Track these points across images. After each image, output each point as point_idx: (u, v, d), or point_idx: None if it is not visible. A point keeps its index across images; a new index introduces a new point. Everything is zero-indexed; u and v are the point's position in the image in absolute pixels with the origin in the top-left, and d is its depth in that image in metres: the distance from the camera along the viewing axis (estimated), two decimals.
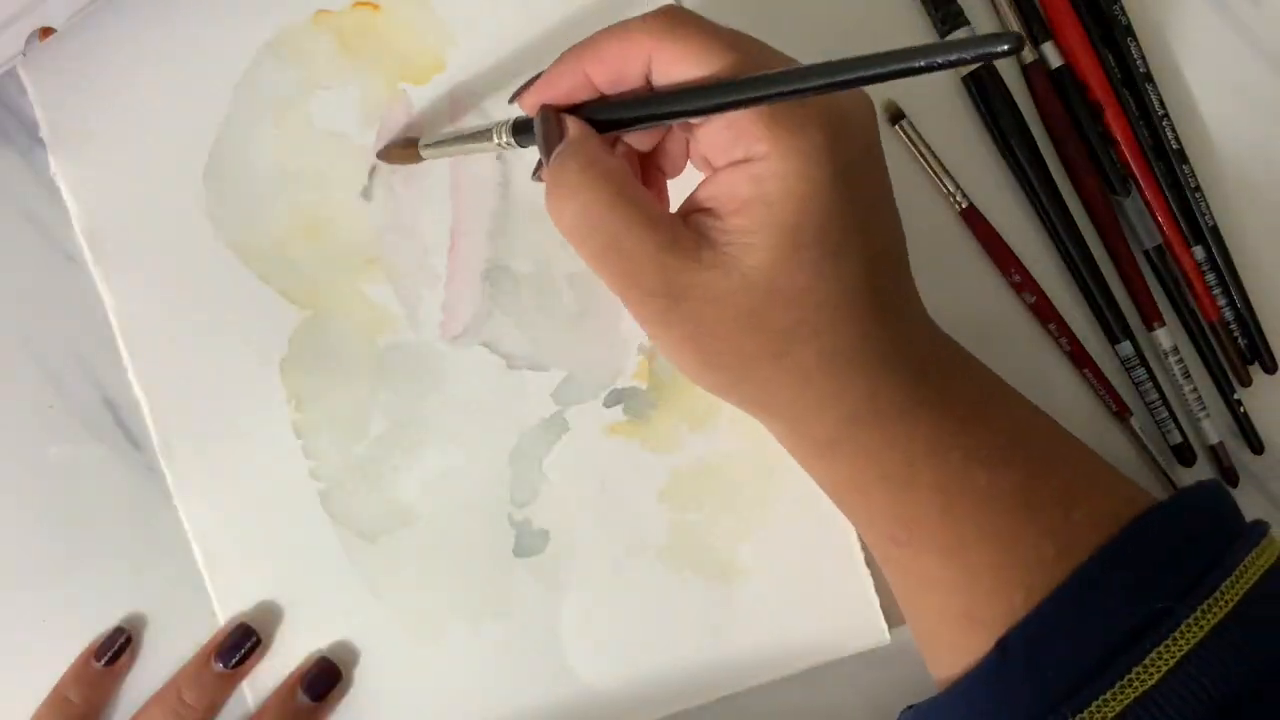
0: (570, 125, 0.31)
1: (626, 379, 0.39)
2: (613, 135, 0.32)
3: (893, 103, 0.39)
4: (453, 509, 0.39)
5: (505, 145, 0.33)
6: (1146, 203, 0.39)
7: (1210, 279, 0.40)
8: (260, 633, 0.39)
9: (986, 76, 0.39)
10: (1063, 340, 0.39)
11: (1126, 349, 0.39)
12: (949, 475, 0.30)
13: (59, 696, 0.39)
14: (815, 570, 0.38)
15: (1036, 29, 0.39)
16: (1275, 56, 0.40)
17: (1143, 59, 0.39)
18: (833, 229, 0.29)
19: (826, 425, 0.31)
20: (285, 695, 0.39)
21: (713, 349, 0.30)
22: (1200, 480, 0.33)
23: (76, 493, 0.40)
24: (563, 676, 0.39)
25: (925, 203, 0.40)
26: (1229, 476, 0.40)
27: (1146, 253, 0.40)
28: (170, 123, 0.39)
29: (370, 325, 0.39)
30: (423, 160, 0.38)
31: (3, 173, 0.40)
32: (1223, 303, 0.40)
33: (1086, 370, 0.39)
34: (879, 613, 0.38)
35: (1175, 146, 0.39)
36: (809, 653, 0.38)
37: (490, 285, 0.39)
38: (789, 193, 0.28)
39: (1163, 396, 0.40)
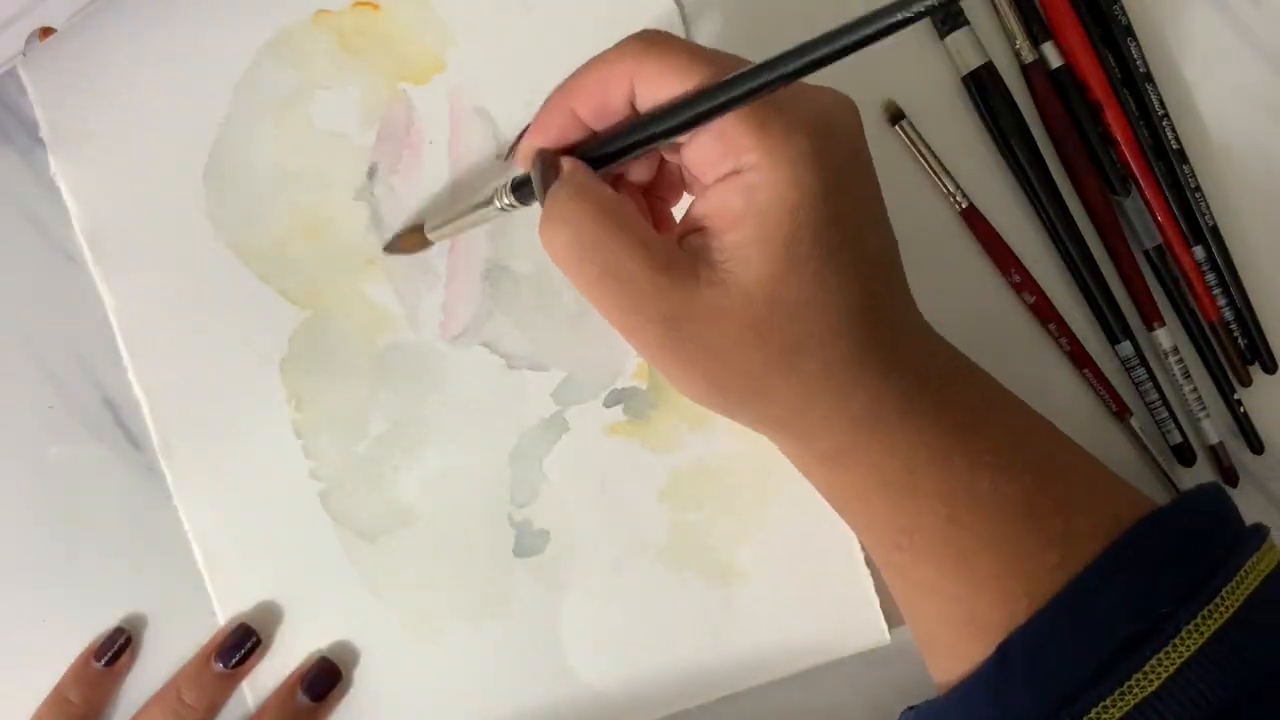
0: (564, 163, 0.30)
1: (626, 379, 0.39)
2: (611, 175, 0.31)
3: (893, 103, 0.39)
4: (453, 509, 0.39)
5: (508, 207, 0.33)
6: (1146, 203, 0.39)
7: (1210, 279, 0.40)
8: (260, 633, 0.39)
9: (986, 76, 0.39)
10: (1063, 340, 0.39)
11: (1126, 349, 0.39)
12: (951, 483, 0.30)
13: (59, 696, 0.39)
14: (815, 571, 0.38)
15: (1036, 29, 0.39)
16: (1275, 56, 0.40)
17: (1143, 59, 0.39)
18: (828, 236, 0.28)
19: (833, 436, 0.31)
20: (285, 695, 0.39)
21: (719, 370, 0.29)
22: (1200, 484, 0.33)
23: (76, 493, 0.40)
24: (563, 676, 0.39)
25: (925, 203, 0.40)
26: (1229, 476, 0.40)
27: (1146, 253, 0.40)
28: (170, 123, 0.39)
29: (370, 325, 0.39)
30: (431, 245, 0.38)
31: (3, 173, 0.40)
32: (1223, 303, 0.40)
33: (1086, 370, 0.39)
34: (879, 613, 0.38)
35: (1175, 146, 0.39)
36: (809, 653, 0.38)
37: (490, 285, 0.39)
38: (781, 201, 0.28)
39: (1163, 396, 0.39)
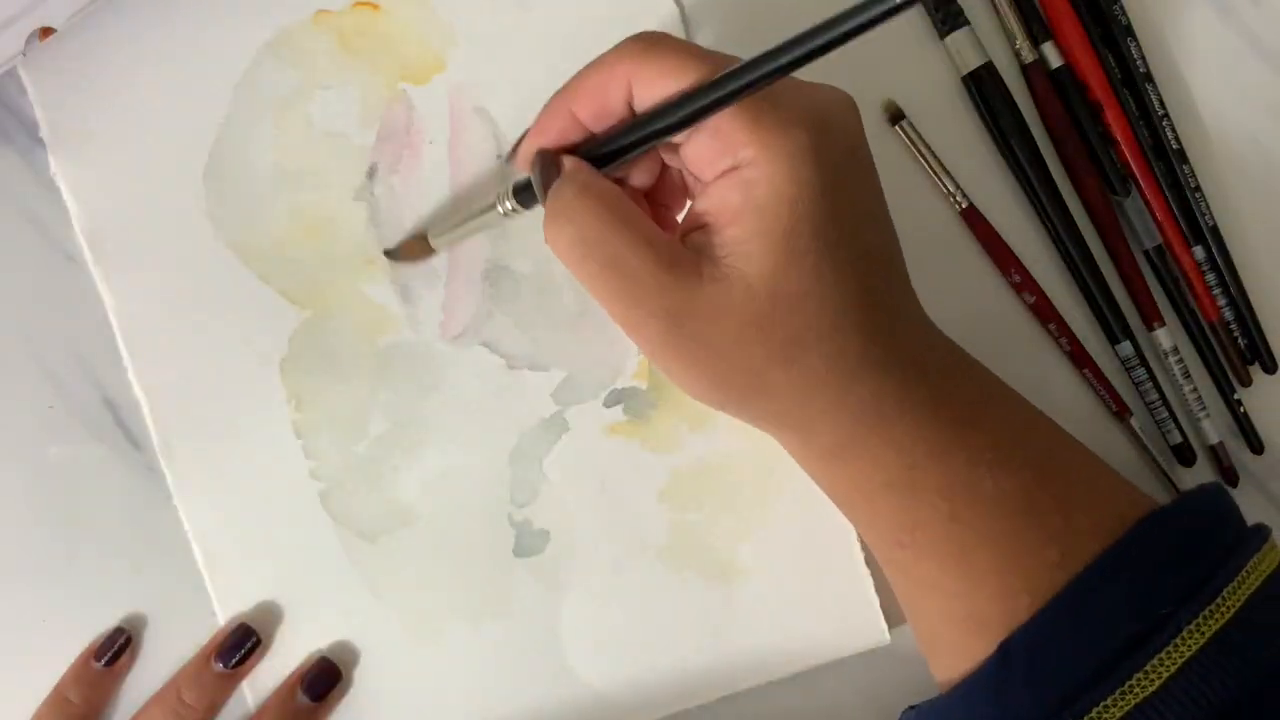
0: (566, 161, 0.30)
1: (626, 379, 0.39)
2: (613, 176, 0.31)
3: (893, 102, 0.39)
4: (453, 509, 0.39)
5: (511, 212, 0.33)
6: (1146, 203, 0.39)
7: (1210, 279, 0.40)
8: (260, 633, 0.39)
9: (986, 76, 0.39)
10: (1063, 340, 0.39)
11: (1126, 349, 0.39)
12: (951, 478, 0.30)
13: (59, 696, 0.39)
14: (815, 570, 0.38)
15: (1036, 29, 0.39)
16: (1275, 56, 0.40)
17: (1143, 59, 0.39)
18: (827, 229, 0.28)
19: (833, 431, 0.31)
20: (285, 695, 0.39)
21: (721, 367, 0.30)
22: (1201, 484, 0.33)
23: (76, 493, 0.40)
24: (563, 676, 0.39)
25: (925, 203, 0.40)
26: (1229, 476, 0.40)
27: (1146, 253, 0.40)
28: (170, 123, 0.39)
29: (370, 325, 0.39)
30: (435, 253, 0.38)
31: (3, 173, 0.40)
32: (1223, 303, 0.40)
33: (1086, 370, 0.39)
34: (879, 613, 0.38)
35: (1175, 146, 0.39)
36: (809, 653, 0.38)
37: (490, 285, 0.39)
38: (779, 195, 0.28)
39: (1163, 396, 0.39)
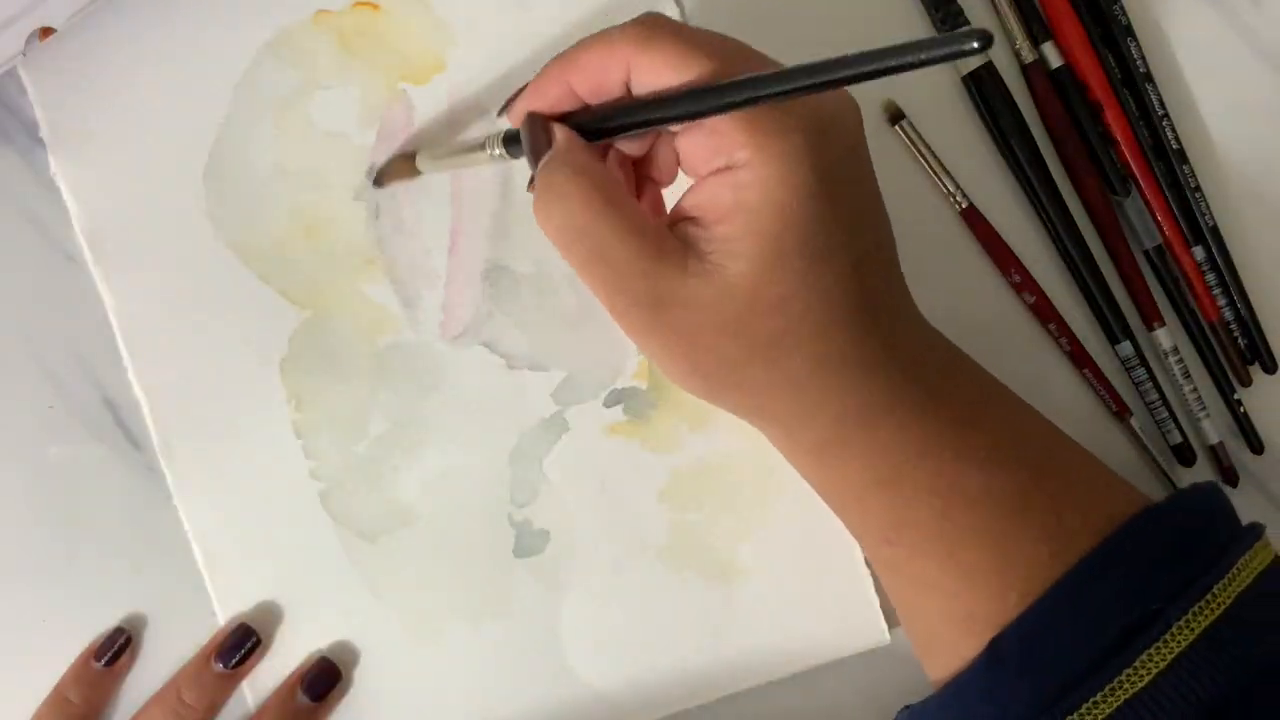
0: (557, 132, 0.30)
1: (626, 379, 0.39)
2: (603, 144, 0.32)
3: (892, 103, 0.39)
4: (453, 509, 0.39)
5: (498, 157, 0.33)
6: (1146, 203, 0.39)
7: (1210, 279, 0.40)
8: (260, 633, 0.39)
9: (986, 76, 0.39)
10: (1063, 340, 0.39)
11: (1126, 349, 0.39)
12: (941, 477, 0.30)
13: (59, 696, 0.39)
14: (815, 570, 0.38)
15: (1036, 29, 0.39)
16: (1275, 56, 0.40)
17: (1143, 59, 0.39)
18: (816, 235, 0.28)
19: (818, 429, 0.31)
20: (285, 695, 0.39)
21: (696, 356, 0.30)
22: (1196, 483, 0.33)
23: (76, 493, 0.40)
24: (563, 676, 0.39)
25: (925, 203, 0.40)
26: (1229, 476, 0.40)
27: (1146, 253, 0.40)
28: (170, 123, 0.39)
29: (370, 325, 0.39)
30: (420, 174, 0.38)
31: (3, 173, 0.40)
32: (1223, 303, 0.40)
33: (1086, 370, 0.39)
34: (879, 613, 0.38)
35: (1175, 146, 0.39)
36: (809, 653, 0.38)
37: (490, 285, 0.39)
38: (770, 200, 0.28)
39: (1163, 396, 0.39)
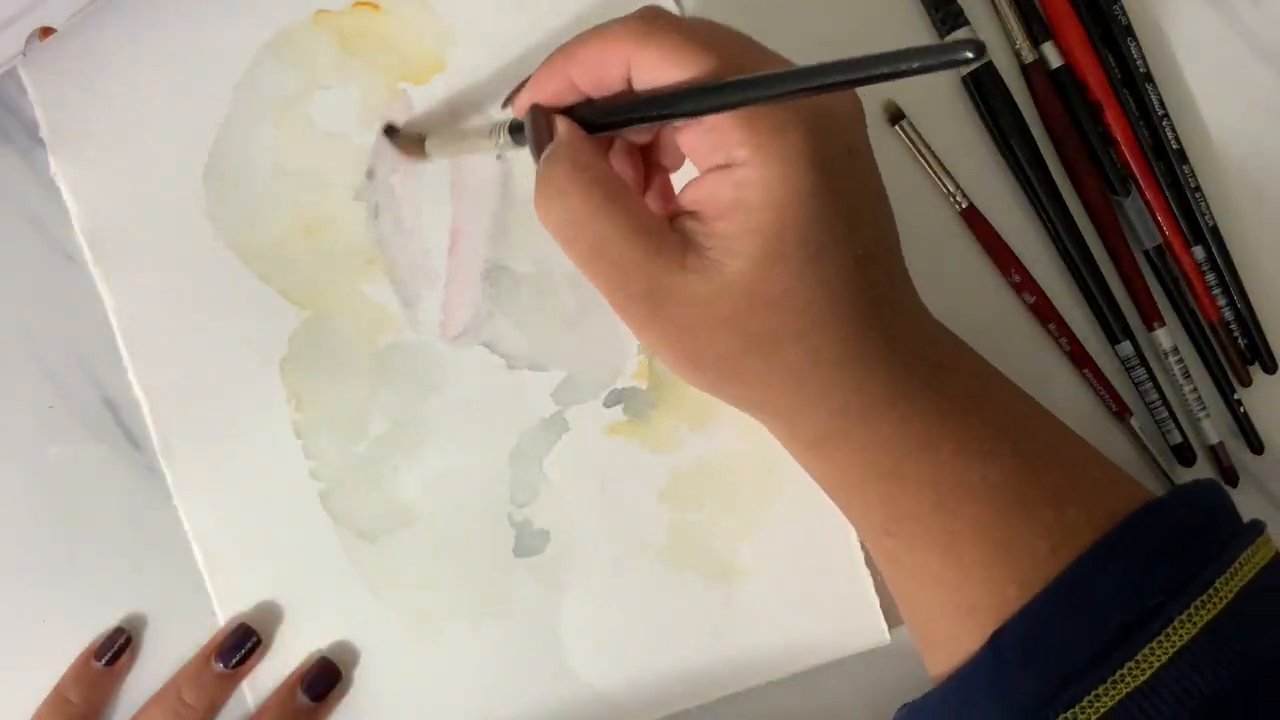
0: (559, 125, 0.31)
1: (626, 379, 0.39)
2: (608, 135, 0.32)
3: (892, 103, 0.39)
4: (453, 509, 0.39)
5: (504, 145, 0.33)
6: (1146, 203, 0.39)
7: (1210, 279, 0.40)
8: (260, 633, 0.39)
9: (986, 76, 0.39)
10: (1063, 340, 0.39)
11: (1126, 349, 0.39)
12: (940, 470, 0.30)
13: (59, 696, 0.39)
14: (815, 570, 0.38)
15: (1036, 29, 0.39)
16: (1275, 56, 0.40)
17: (1143, 59, 0.39)
18: (815, 232, 0.28)
19: (818, 421, 0.31)
20: (285, 695, 0.39)
21: (695, 350, 0.30)
22: (1197, 479, 0.33)
23: (76, 493, 0.40)
24: (563, 676, 0.39)
25: (925, 203, 0.40)
26: (1229, 476, 0.40)
27: (1146, 253, 0.40)
28: (170, 123, 0.39)
29: (370, 325, 0.39)
30: (427, 156, 0.38)
31: (3, 173, 0.40)
32: (1223, 303, 0.40)
33: (1086, 370, 0.39)
34: (879, 613, 0.38)
35: (1175, 146, 0.39)
36: (809, 653, 0.38)
37: (490, 285, 0.39)
38: (769, 199, 0.28)
39: (1163, 396, 0.39)
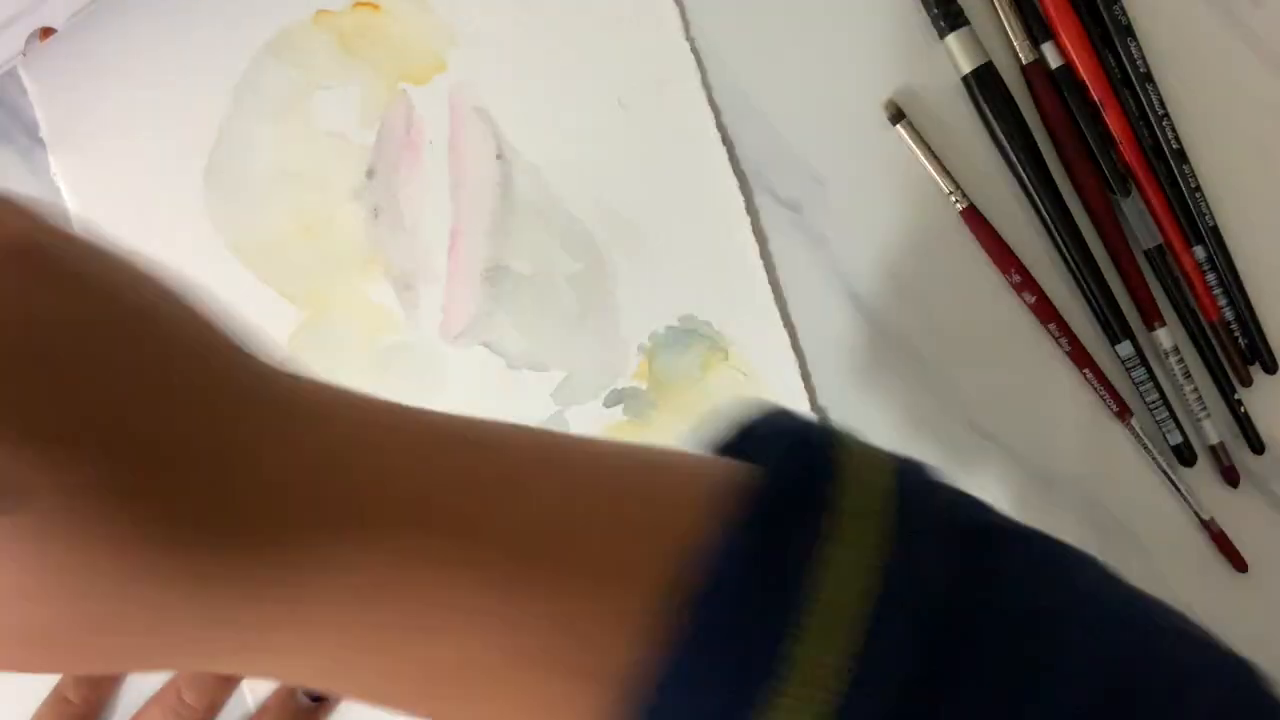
0: None
1: (626, 379, 0.39)
2: None
3: (893, 103, 0.39)
4: None
5: None
6: (1146, 203, 0.39)
7: (1210, 279, 0.40)
8: None
9: (986, 76, 0.39)
10: (1063, 340, 0.39)
11: (1126, 349, 0.39)
12: (373, 680, 0.22)
13: (59, 696, 0.39)
14: None
15: (1036, 29, 0.39)
16: (1275, 56, 0.40)
17: (1143, 59, 0.39)
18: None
19: (225, 661, 0.22)
20: (285, 695, 0.39)
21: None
22: (770, 470, 0.21)
23: None
24: None
25: (925, 203, 0.40)
26: (1229, 476, 0.40)
27: (1146, 253, 0.40)
28: (170, 123, 0.39)
29: (370, 325, 0.39)
30: None
31: (3, 173, 0.40)
32: (1223, 303, 0.40)
33: (1086, 370, 0.39)
34: None
35: (1175, 146, 0.39)
36: None
37: (490, 285, 0.39)
38: None
39: (1163, 396, 0.39)
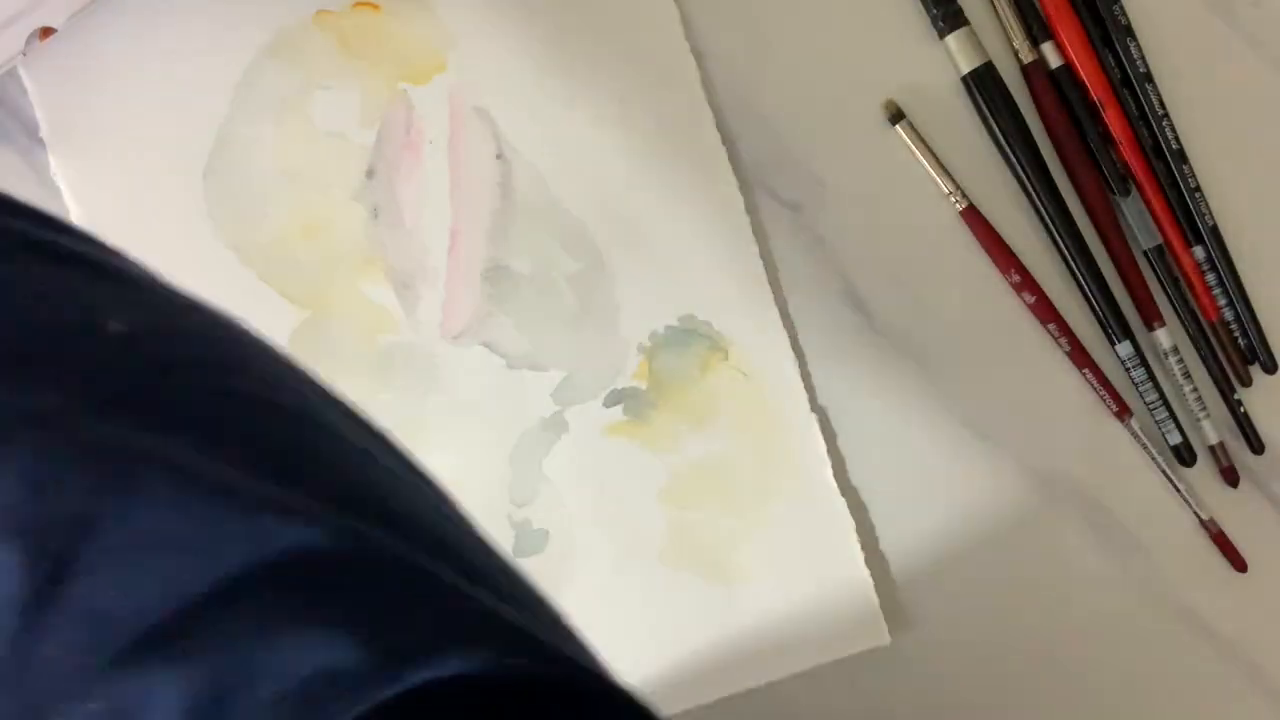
0: None
1: (626, 379, 0.39)
2: None
3: (893, 102, 0.39)
4: None
5: None
6: (1146, 203, 0.39)
7: (1210, 279, 0.40)
8: None
9: (986, 76, 0.39)
10: (1063, 340, 0.39)
11: (1126, 349, 0.39)
12: None
13: None
14: (815, 570, 0.38)
15: (1036, 29, 0.39)
16: (1275, 56, 0.40)
17: (1143, 59, 0.39)
18: None
19: None
20: None
21: None
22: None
23: None
24: None
25: (925, 203, 0.40)
26: (1229, 476, 0.40)
27: (1146, 253, 0.40)
28: (170, 122, 0.39)
29: (370, 325, 0.39)
30: None
31: (3, 173, 0.40)
32: (1223, 303, 0.40)
33: (1086, 370, 0.39)
34: (879, 613, 0.38)
35: (1175, 146, 0.39)
36: (809, 653, 0.38)
37: (490, 285, 0.39)
38: None
39: (1163, 396, 0.39)
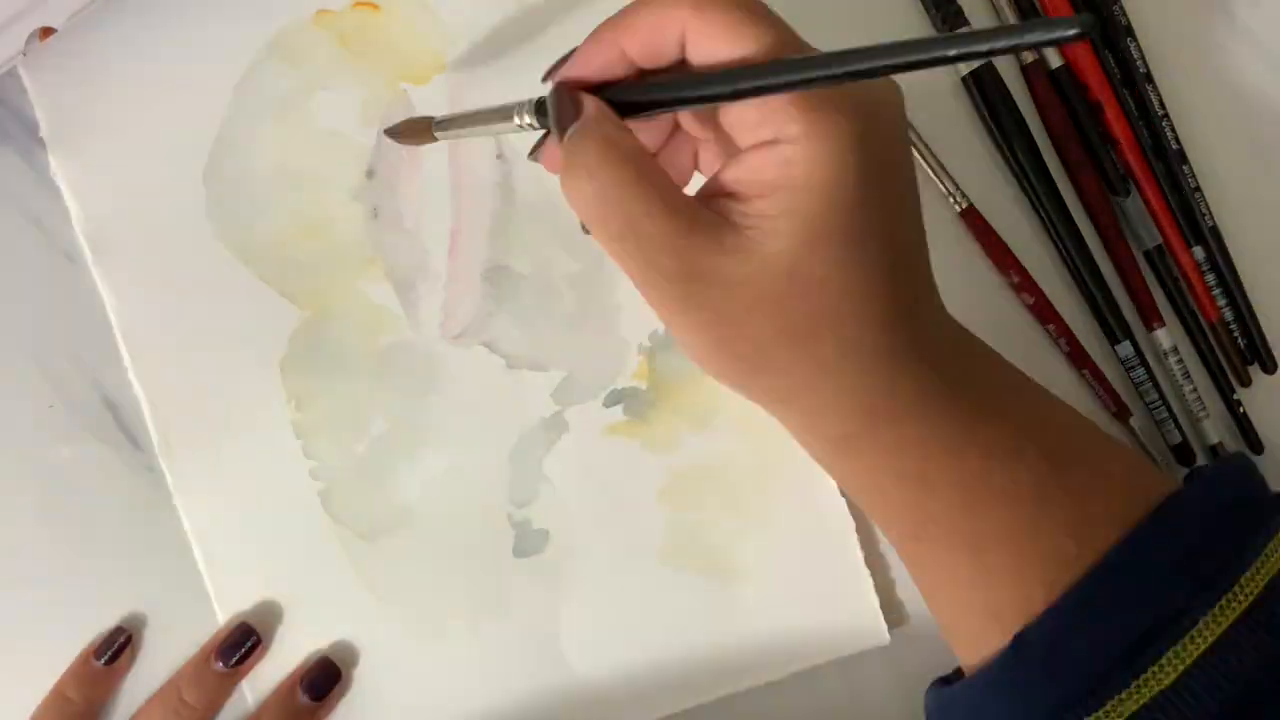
0: (587, 103, 0.29)
1: (626, 379, 0.39)
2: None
3: None
4: (453, 509, 0.39)
5: (526, 126, 0.31)
6: (1146, 203, 0.39)
7: (1210, 279, 0.40)
8: (260, 633, 0.39)
9: (986, 76, 0.39)
10: (1062, 340, 0.39)
11: (1126, 349, 0.39)
12: (966, 473, 0.30)
13: (59, 695, 0.39)
14: (815, 570, 0.38)
15: None
16: (1275, 56, 0.40)
17: (1143, 59, 0.39)
18: (858, 218, 0.28)
19: (843, 420, 0.30)
20: (285, 695, 0.39)
21: (729, 335, 0.29)
22: (1226, 456, 0.32)
23: (76, 493, 0.40)
24: (562, 676, 0.39)
25: (925, 203, 0.39)
26: None
27: (1146, 253, 0.40)
28: (170, 123, 0.39)
29: (370, 325, 0.39)
30: (436, 140, 0.35)
31: (3, 173, 0.40)
32: (1223, 303, 0.40)
33: (1086, 370, 0.39)
34: (879, 613, 0.38)
35: (1175, 146, 0.39)
36: (809, 653, 0.38)
37: (490, 285, 0.39)
38: (816, 178, 0.27)
39: (1163, 396, 0.39)
